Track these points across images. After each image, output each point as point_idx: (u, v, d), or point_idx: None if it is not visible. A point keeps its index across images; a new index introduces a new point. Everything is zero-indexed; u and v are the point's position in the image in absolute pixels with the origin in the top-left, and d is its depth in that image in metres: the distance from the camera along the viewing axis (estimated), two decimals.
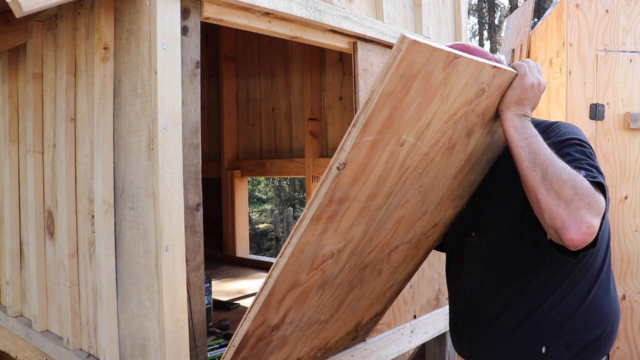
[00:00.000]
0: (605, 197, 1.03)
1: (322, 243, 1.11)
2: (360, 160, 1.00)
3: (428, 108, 1.03)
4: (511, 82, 1.16)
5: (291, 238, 1.04)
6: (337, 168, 0.97)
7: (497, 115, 1.20)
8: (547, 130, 1.28)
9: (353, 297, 1.40)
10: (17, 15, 1.03)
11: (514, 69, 1.17)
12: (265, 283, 1.09)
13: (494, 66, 1.08)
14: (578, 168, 1.06)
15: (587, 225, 0.99)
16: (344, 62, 3.07)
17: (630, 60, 2.88)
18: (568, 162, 1.07)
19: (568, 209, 1.00)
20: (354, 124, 0.94)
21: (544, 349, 1.25)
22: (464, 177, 1.32)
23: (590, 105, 2.86)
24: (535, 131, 1.15)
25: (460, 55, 1.00)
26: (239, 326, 1.14)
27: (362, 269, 1.31)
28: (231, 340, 1.17)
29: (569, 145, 1.16)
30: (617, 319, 1.33)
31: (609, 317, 1.30)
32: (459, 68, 1.01)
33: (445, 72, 0.99)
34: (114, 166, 1.35)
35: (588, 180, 1.02)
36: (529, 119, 1.16)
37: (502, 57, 1.31)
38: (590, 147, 1.17)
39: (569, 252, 1.10)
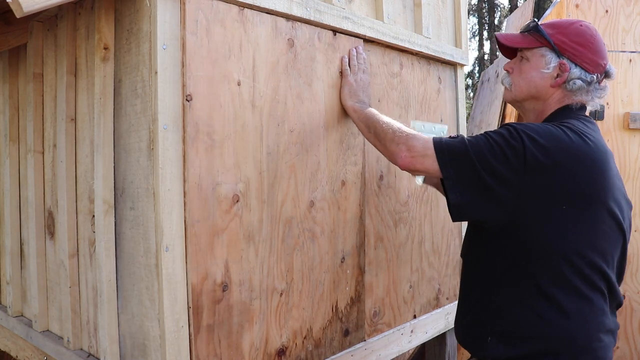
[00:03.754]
0: (439, 148, 1.27)
1: (216, 180, 1.31)
2: (204, 93, 1.27)
3: (243, 51, 1.36)
4: (342, 80, 1.65)
5: (184, 174, 1.25)
6: (187, 100, 1.23)
7: (338, 73, 1.65)
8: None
9: (302, 265, 1.55)
10: (18, 15, 1.03)
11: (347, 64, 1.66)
12: (184, 224, 1.25)
13: (289, 18, 1.48)
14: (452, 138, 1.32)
15: (406, 147, 1.32)
16: None
17: (630, 60, 2.88)
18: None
19: (391, 146, 1.38)
20: (182, 64, 1.23)
21: (489, 339, 1.31)
22: (337, 128, 1.66)
23: None
24: (370, 109, 1.57)
25: (245, 8, 1.36)
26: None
27: (287, 225, 1.50)
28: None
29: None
30: (570, 346, 1.22)
31: (552, 337, 1.23)
32: (251, 19, 1.38)
33: (240, 21, 1.35)
34: (114, 166, 1.35)
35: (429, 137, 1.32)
36: (365, 101, 1.62)
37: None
38: (496, 138, 1.24)
39: (451, 213, 1.30)
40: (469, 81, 18.80)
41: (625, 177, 2.86)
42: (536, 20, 1.43)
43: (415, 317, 2.04)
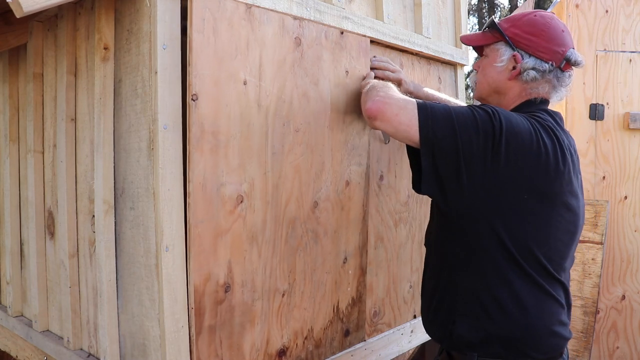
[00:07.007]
0: (422, 106, 1.25)
1: (221, 180, 1.30)
2: (210, 93, 1.25)
3: (249, 50, 1.34)
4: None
5: (188, 174, 1.23)
6: (192, 99, 1.22)
7: (344, 72, 1.62)
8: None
9: (304, 266, 1.55)
10: (18, 15, 1.03)
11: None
12: (187, 225, 1.24)
13: (296, 17, 1.46)
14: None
15: (379, 96, 1.29)
16: None
17: (630, 60, 2.88)
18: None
19: (367, 98, 1.36)
20: (189, 63, 1.22)
21: (455, 321, 1.32)
22: (342, 128, 1.64)
23: (590, 106, 2.86)
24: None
25: (253, 6, 1.34)
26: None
27: (290, 226, 1.49)
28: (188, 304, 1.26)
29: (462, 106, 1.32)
30: (528, 335, 1.25)
31: (511, 326, 1.25)
32: (258, 17, 1.37)
33: (248, 20, 1.34)
34: (114, 166, 1.35)
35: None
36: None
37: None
38: (482, 113, 1.24)
39: (415, 180, 1.33)
40: (469, 81, 18.78)
41: (625, 177, 2.86)
42: (493, 17, 1.45)
43: (415, 317, 2.04)
